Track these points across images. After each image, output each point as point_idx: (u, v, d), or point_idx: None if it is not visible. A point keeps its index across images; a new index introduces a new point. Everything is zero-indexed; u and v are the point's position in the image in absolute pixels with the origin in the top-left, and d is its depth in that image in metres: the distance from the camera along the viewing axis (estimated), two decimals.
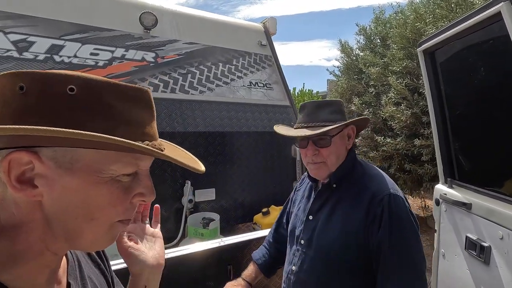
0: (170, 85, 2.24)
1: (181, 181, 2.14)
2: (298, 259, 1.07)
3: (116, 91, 0.38)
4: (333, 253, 0.98)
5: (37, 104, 0.35)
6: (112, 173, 0.39)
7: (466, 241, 1.28)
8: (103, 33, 2.11)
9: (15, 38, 1.82)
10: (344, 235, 0.97)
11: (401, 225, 0.92)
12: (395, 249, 0.90)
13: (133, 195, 0.42)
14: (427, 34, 3.71)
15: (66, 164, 0.37)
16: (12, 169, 0.36)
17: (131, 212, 0.43)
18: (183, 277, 1.43)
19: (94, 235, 0.41)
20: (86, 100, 0.36)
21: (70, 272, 0.48)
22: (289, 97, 2.81)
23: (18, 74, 0.36)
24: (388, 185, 0.99)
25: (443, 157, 1.53)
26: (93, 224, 0.40)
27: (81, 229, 0.40)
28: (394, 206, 0.93)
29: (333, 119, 1.02)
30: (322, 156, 1.02)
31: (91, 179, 0.38)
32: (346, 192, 1.03)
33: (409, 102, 4.05)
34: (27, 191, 0.36)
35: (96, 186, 0.38)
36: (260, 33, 2.85)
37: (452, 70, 1.48)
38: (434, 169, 3.92)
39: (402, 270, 0.90)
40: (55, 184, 0.37)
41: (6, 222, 0.39)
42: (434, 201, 1.52)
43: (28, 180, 0.37)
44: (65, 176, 0.37)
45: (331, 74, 6.22)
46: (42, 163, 0.36)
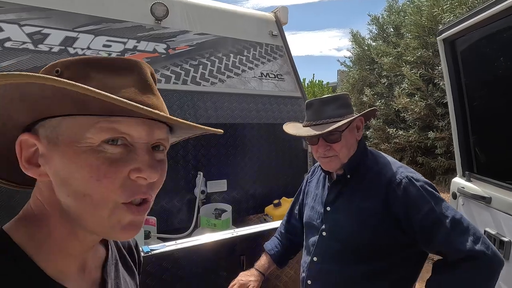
0: (182, 77, 2.24)
1: (193, 172, 2.16)
2: (320, 250, 1.09)
3: (97, 64, 0.39)
4: (356, 241, 1.01)
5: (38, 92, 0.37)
6: (90, 142, 0.37)
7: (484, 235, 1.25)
8: (115, 24, 2.11)
9: (30, 30, 1.84)
10: (365, 221, 0.99)
11: (433, 194, 0.95)
12: (442, 213, 0.92)
13: (129, 170, 0.38)
14: (444, 22, 3.58)
15: (54, 139, 0.38)
16: (23, 150, 0.39)
17: (134, 191, 0.38)
18: (196, 267, 1.46)
19: (97, 217, 0.38)
20: (69, 77, 0.36)
21: (105, 268, 0.48)
22: (301, 88, 2.77)
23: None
24: (402, 169, 1.01)
25: (461, 149, 1.49)
26: (87, 202, 0.37)
27: (77, 208, 0.38)
28: (417, 184, 0.95)
29: (340, 114, 1.04)
30: (334, 150, 1.04)
31: (71, 150, 0.37)
32: (361, 181, 1.05)
33: (424, 93, 3.95)
34: (33, 170, 0.39)
35: (76, 157, 0.37)
36: (271, 22, 2.80)
37: (473, 60, 1.43)
38: (448, 162, 3.84)
39: (459, 224, 0.91)
40: (50, 161, 0.38)
41: (34, 209, 0.41)
42: (451, 195, 1.49)
43: (35, 160, 0.39)
44: (54, 151, 0.38)
45: (342, 65, 6.11)
46: (40, 142, 0.38)
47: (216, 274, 1.51)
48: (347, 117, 1.03)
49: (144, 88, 0.41)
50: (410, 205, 0.94)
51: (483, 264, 0.88)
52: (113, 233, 0.40)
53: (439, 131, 3.79)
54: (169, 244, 1.43)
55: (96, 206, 0.38)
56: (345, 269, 1.03)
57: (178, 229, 2.02)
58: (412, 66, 4.09)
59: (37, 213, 0.41)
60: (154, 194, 0.42)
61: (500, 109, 1.37)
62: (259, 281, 1.21)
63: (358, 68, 5.55)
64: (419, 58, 4.05)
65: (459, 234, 0.90)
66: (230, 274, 1.30)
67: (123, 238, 0.41)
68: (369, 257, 1.00)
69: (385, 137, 4.64)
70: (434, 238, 0.92)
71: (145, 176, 0.38)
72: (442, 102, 3.75)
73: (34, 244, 0.39)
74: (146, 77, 0.42)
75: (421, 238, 0.95)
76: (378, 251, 1.00)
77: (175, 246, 1.42)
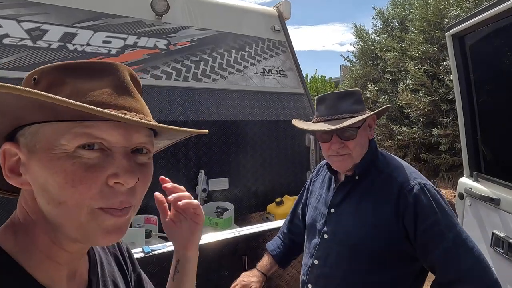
0: (183, 73, 2.21)
1: (195, 171, 2.14)
2: (321, 253, 1.05)
3: (71, 70, 0.39)
4: (362, 247, 0.96)
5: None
6: (65, 148, 0.36)
7: (492, 237, 1.23)
8: (115, 20, 2.07)
9: (28, 26, 1.81)
10: (374, 228, 0.95)
11: (443, 206, 0.90)
12: (448, 227, 0.88)
13: (107, 176, 0.37)
14: (450, 16, 3.51)
15: (32, 147, 0.37)
16: (6, 160, 0.39)
17: (112, 197, 0.37)
18: (198, 267, 1.44)
19: (74, 223, 0.37)
20: (45, 84, 0.38)
21: (91, 270, 0.48)
22: (303, 85, 2.73)
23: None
24: (415, 175, 0.96)
25: (469, 148, 1.46)
26: (63, 209, 0.37)
27: (56, 215, 0.38)
28: (429, 194, 0.91)
29: (356, 110, 0.99)
30: (347, 148, 0.98)
31: (47, 157, 0.36)
32: (371, 184, 1.00)
33: (428, 89, 3.89)
34: (15, 179, 0.39)
35: (51, 164, 0.36)
36: (274, 17, 2.75)
37: (483, 56, 1.38)
38: (452, 159, 3.80)
39: (462, 244, 0.87)
40: (30, 170, 0.38)
41: (20, 218, 0.41)
42: (457, 195, 1.46)
43: (17, 169, 0.39)
44: (33, 159, 0.37)
45: (346, 60, 6.04)
46: (21, 151, 0.38)
47: (218, 274, 1.50)
48: (363, 113, 0.99)
49: (120, 90, 0.40)
50: (417, 213, 0.90)
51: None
52: (95, 239, 0.39)
53: (443, 127, 3.74)
54: (170, 244, 1.41)
55: (72, 212, 0.37)
56: (347, 276, 0.99)
57: None
58: (416, 62, 4.02)
59: (23, 221, 0.41)
60: (136, 200, 0.41)
61: (510, 106, 1.33)
62: (261, 282, 1.20)
63: (361, 64, 5.48)
64: (424, 53, 3.97)
65: (459, 253, 0.86)
66: (232, 274, 1.28)
67: (106, 242, 0.40)
68: (374, 267, 0.96)
69: (389, 133, 4.60)
70: (431, 252, 0.88)
71: (122, 182, 0.37)
72: (447, 98, 3.69)
73: (24, 252, 0.39)
74: (123, 79, 0.41)
75: (419, 249, 0.91)
76: (384, 261, 0.95)
77: None
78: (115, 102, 0.38)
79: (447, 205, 0.92)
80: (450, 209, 0.92)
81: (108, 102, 0.38)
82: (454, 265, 0.86)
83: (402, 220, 0.91)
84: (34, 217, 0.40)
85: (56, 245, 0.41)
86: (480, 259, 0.86)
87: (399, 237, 0.92)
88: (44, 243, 0.40)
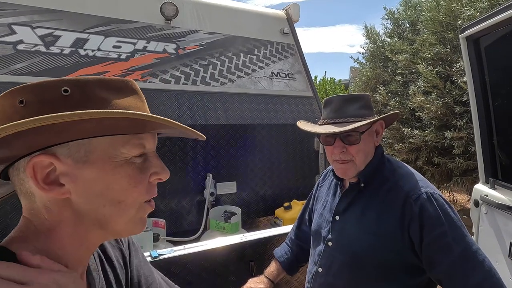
0: (192, 77, 2.22)
1: (202, 174, 2.14)
2: (325, 261, 1.03)
3: (102, 84, 0.41)
4: (366, 257, 0.93)
5: (38, 111, 0.37)
6: (124, 156, 0.42)
7: (510, 247, 1.17)
8: (125, 25, 2.10)
9: (42, 32, 1.85)
10: (378, 237, 0.91)
11: (450, 217, 0.86)
12: (455, 240, 0.84)
13: (149, 174, 0.45)
14: (464, 17, 3.42)
15: (82, 157, 0.40)
16: (37, 173, 0.39)
17: (153, 191, 0.46)
18: (205, 272, 1.44)
19: (125, 218, 0.44)
20: (81, 97, 0.40)
21: (91, 270, 0.51)
22: (312, 88, 2.70)
23: (14, 91, 0.39)
24: (422, 183, 0.92)
25: (485, 154, 1.41)
26: (121, 207, 0.43)
27: (111, 214, 0.43)
28: (436, 203, 0.87)
29: (362, 114, 0.96)
30: (350, 153, 0.96)
31: (108, 165, 0.41)
32: (376, 192, 0.97)
33: (440, 91, 3.80)
34: (56, 190, 0.40)
35: (114, 171, 0.42)
36: (283, 20, 2.74)
37: (499, 58, 1.34)
38: (466, 162, 3.69)
39: (470, 258, 0.83)
40: (78, 179, 0.40)
41: (39, 228, 0.42)
42: (472, 202, 1.41)
43: (54, 180, 0.40)
44: (85, 169, 0.40)
45: (355, 62, 5.97)
46: (61, 162, 0.40)
47: (225, 280, 1.49)
48: (369, 118, 0.95)
49: (142, 101, 0.47)
50: (423, 224, 0.86)
51: None
52: (135, 229, 0.46)
53: (457, 130, 3.64)
54: (177, 249, 1.41)
55: (127, 209, 0.44)
56: (350, 286, 0.96)
57: (187, 231, 2.01)
58: (428, 63, 3.93)
59: (43, 233, 0.42)
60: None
61: None
62: None
63: (371, 65, 5.40)
64: (436, 54, 3.88)
65: (467, 268, 0.82)
66: (239, 280, 1.27)
67: (141, 230, 0.47)
68: (378, 277, 0.92)
69: (400, 136, 4.51)
70: (438, 265, 0.84)
71: (162, 178, 0.46)
72: (460, 101, 3.59)
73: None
74: (138, 90, 0.47)
75: (426, 261, 0.87)
76: (388, 272, 0.91)
77: (183, 251, 1.41)
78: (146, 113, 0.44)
79: (456, 215, 0.88)
80: (459, 219, 0.88)
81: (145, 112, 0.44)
82: (462, 280, 0.82)
83: (408, 231, 0.88)
84: (62, 225, 0.42)
85: (82, 246, 0.44)
86: (491, 274, 0.82)
87: (404, 248, 0.89)
88: (71, 247, 0.43)
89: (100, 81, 0.41)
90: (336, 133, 0.94)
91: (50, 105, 0.38)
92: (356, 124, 0.92)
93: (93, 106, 0.39)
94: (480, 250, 0.85)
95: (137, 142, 0.43)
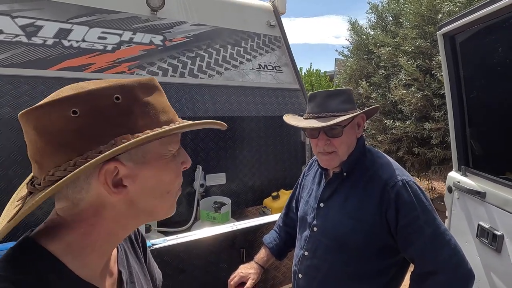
0: (179, 69, 2.21)
1: (192, 166, 2.17)
2: (311, 245, 1.10)
3: (143, 87, 0.45)
4: (347, 240, 1.01)
5: (94, 121, 0.40)
6: (172, 153, 0.48)
7: (478, 229, 1.29)
8: (110, 15, 2.06)
9: (23, 22, 1.79)
10: (359, 222, 1.00)
11: (423, 202, 0.95)
12: (427, 222, 0.93)
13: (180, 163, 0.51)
14: (444, 11, 3.54)
15: (140, 159, 0.45)
16: (108, 179, 0.42)
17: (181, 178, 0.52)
18: (197, 260, 1.49)
19: (168, 203, 0.50)
20: (129, 104, 0.43)
21: (119, 261, 0.54)
22: (299, 80, 2.75)
23: (63, 101, 0.39)
24: (398, 172, 1.01)
25: (458, 144, 1.51)
26: (168, 196, 0.49)
27: (160, 203, 0.48)
28: (410, 190, 0.96)
29: (344, 109, 1.02)
30: (333, 145, 1.03)
31: (161, 162, 0.47)
32: (358, 180, 1.04)
33: (421, 83, 3.95)
34: (123, 192, 0.44)
35: (166, 166, 0.47)
36: (269, 12, 2.75)
37: (473, 55, 1.43)
38: (443, 152, 3.88)
39: (439, 238, 0.93)
40: (137, 178, 0.45)
41: (75, 219, 0.44)
42: (446, 189, 1.52)
43: (119, 183, 0.43)
44: (144, 169, 0.45)
45: (340, 54, 6.05)
46: (125, 166, 0.43)
47: (216, 267, 1.54)
48: (351, 112, 1.02)
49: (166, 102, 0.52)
50: (399, 209, 0.95)
51: (453, 280, 0.89)
52: (172, 211, 0.51)
53: (435, 121, 3.80)
54: (170, 239, 1.45)
55: (171, 196, 0.50)
56: (334, 267, 1.04)
57: (178, 222, 2.05)
58: (409, 57, 4.05)
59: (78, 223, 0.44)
60: None
61: (497, 104, 1.38)
62: (258, 273, 1.24)
63: (355, 58, 5.49)
64: (417, 48, 4.00)
65: (436, 246, 0.92)
66: (230, 266, 1.32)
67: (174, 211, 0.52)
68: (359, 259, 1.01)
69: (382, 128, 4.66)
70: (411, 245, 0.94)
71: (188, 166, 0.52)
72: (439, 93, 3.75)
73: (72, 251, 0.44)
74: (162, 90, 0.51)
75: (400, 242, 0.97)
76: (369, 254, 1.00)
77: (176, 240, 1.44)
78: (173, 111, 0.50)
79: (428, 200, 0.97)
80: (431, 204, 0.97)
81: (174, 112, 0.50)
82: (431, 257, 0.92)
83: (385, 215, 0.97)
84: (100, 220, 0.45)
85: (113, 236, 0.48)
86: (456, 251, 0.92)
87: (382, 231, 0.98)
88: (103, 239, 0.46)
89: (140, 84, 0.44)
90: (319, 128, 1.00)
91: (103, 113, 0.40)
92: (339, 118, 0.98)
93: (139, 109, 0.43)
94: (447, 231, 0.95)
95: (176, 139, 0.49)
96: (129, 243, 0.61)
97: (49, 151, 0.40)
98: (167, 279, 1.41)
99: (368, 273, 1.01)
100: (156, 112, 0.45)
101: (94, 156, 0.39)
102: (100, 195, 0.43)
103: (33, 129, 0.40)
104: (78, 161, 0.39)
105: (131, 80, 0.44)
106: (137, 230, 0.65)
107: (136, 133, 0.42)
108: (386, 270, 1.02)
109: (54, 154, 0.40)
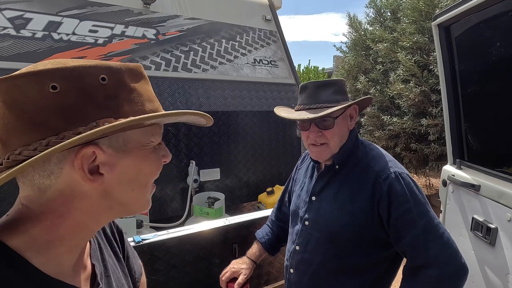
0: (172, 63, 2.18)
1: (186, 161, 2.14)
2: (302, 239, 1.08)
3: (130, 73, 0.43)
4: (339, 234, 0.99)
5: (77, 100, 0.37)
6: (153, 144, 0.46)
7: (472, 222, 1.27)
8: (101, 8, 2.03)
9: (11, 14, 1.76)
10: (351, 215, 0.97)
11: (416, 194, 0.93)
12: (419, 215, 0.91)
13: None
14: (441, 6, 3.51)
15: (121, 146, 0.42)
16: (84, 164, 0.39)
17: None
18: (189, 255, 1.47)
19: (145, 197, 0.47)
20: (115, 87, 0.40)
21: (92, 254, 0.51)
22: (295, 75, 2.73)
23: (41, 74, 0.36)
24: (391, 164, 0.98)
25: (453, 137, 1.49)
26: (145, 189, 0.47)
27: (137, 195, 0.46)
28: (403, 182, 0.93)
29: (335, 99, 0.99)
30: (325, 137, 1.00)
31: (142, 153, 0.44)
32: (350, 173, 1.02)
33: (418, 79, 3.92)
34: (99, 180, 0.41)
35: (147, 158, 0.45)
36: (265, 7, 2.72)
37: (468, 46, 1.40)
38: (440, 148, 3.87)
39: (432, 231, 0.91)
40: (116, 167, 0.42)
41: (42, 210, 0.41)
42: (441, 182, 1.50)
43: (95, 171, 0.40)
44: (124, 157, 0.42)
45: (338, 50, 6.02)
46: (104, 152, 0.40)
47: (208, 262, 1.53)
48: (342, 103, 0.99)
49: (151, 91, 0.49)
50: (391, 201, 0.93)
51: (445, 274, 0.87)
52: (146, 206, 0.49)
53: (432, 117, 3.79)
54: (160, 234, 1.43)
55: (147, 190, 0.47)
56: (326, 261, 1.02)
57: (171, 218, 2.03)
58: (407, 52, 4.03)
59: (45, 215, 0.41)
60: None
61: (492, 97, 1.36)
62: (250, 268, 1.22)
63: (353, 54, 5.47)
64: (415, 43, 3.98)
65: (428, 240, 0.90)
66: (223, 262, 1.31)
67: (149, 207, 0.50)
68: (351, 252, 0.99)
69: (380, 124, 4.64)
70: (403, 238, 0.92)
71: (168, 160, 0.50)
72: (436, 89, 3.73)
73: (36, 246, 0.40)
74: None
75: (393, 235, 0.95)
76: (361, 247, 0.98)
77: (166, 235, 1.42)
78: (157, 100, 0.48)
79: (421, 192, 0.95)
80: (424, 196, 0.95)
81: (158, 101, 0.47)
82: (423, 250, 0.90)
83: (377, 208, 0.95)
84: (71, 210, 0.41)
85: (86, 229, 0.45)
86: (448, 244, 0.90)
87: (375, 224, 0.96)
88: (73, 230, 0.43)
89: (128, 69, 0.42)
90: (310, 119, 0.97)
91: (87, 93, 0.37)
92: (329, 110, 0.95)
93: (125, 94, 0.41)
94: (440, 224, 0.93)
95: (159, 131, 0.47)
96: (103, 235, 0.58)
97: (18, 127, 0.35)
98: (158, 275, 1.40)
99: (360, 267, 0.99)
100: (142, 100, 0.43)
101: (71, 136, 0.35)
102: (71, 183, 0.39)
103: (2, 102, 0.35)
104: (52, 141, 0.35)
105: (119, 63, 0.41)
106: (112, 222, 0.62)
107: (120, 118, 0.39)
108: (378, 264, 1.00)
109: (23, 132, 0.35)
